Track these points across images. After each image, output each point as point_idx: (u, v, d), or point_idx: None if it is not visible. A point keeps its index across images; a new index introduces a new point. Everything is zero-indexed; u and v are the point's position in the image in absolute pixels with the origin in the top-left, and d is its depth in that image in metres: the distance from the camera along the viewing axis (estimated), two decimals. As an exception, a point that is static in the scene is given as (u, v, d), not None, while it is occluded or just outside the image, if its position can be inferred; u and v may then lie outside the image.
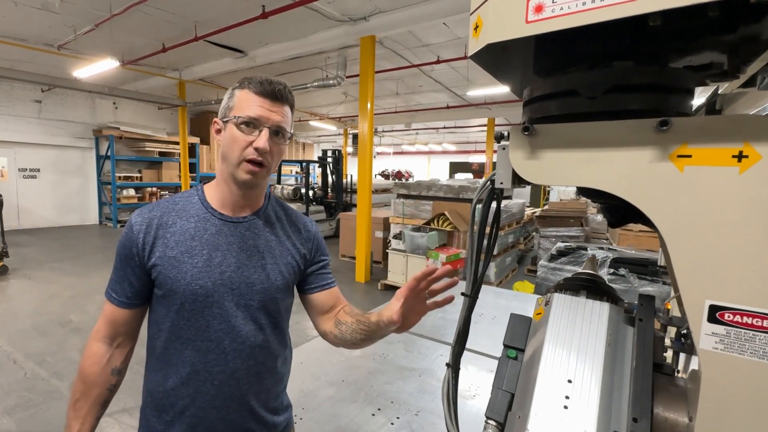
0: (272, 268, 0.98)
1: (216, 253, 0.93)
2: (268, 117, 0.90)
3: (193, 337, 0.92)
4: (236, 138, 0.90)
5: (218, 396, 0.93)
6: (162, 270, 0.90)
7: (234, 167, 0.91)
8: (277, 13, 5.40)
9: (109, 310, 0.96)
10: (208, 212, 0.96)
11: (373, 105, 6.15)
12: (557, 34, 0.47)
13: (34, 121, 10.33)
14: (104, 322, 0.97)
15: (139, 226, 0.92)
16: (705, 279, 0.46)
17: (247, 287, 0.94)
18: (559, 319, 0.65)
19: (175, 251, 0.91)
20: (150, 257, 0.91)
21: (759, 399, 0.45)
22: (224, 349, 0.93)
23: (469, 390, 1.69)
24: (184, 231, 0.93)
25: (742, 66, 0.52)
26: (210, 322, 0.92)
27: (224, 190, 0.97)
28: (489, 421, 0.65)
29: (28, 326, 4.29)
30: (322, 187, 10.89)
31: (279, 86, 0.92)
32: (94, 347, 0.96)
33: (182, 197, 0.99)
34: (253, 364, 0.96)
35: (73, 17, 6.17)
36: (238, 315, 0.94)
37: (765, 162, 0.43)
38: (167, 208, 0.95)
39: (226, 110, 0.93)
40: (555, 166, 0.55)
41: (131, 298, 0.95)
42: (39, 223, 10.70)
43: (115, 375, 0.98)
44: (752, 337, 0.45)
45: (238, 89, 0.94)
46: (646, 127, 0.49)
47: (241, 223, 0.98)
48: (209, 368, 0.92)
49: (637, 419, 0.52)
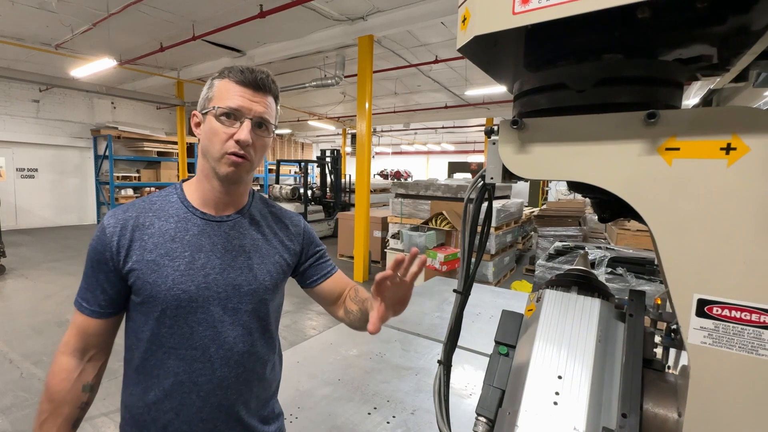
0: (260, 268, 0.93)
1: (199, 255, 0.87)
2: (249, 107, 0.84)
3: (177, 346, 0.86)
4: (216, 130, 0.84)
5: (205, 407, 0.88)
6: (140, 275, 0.84)
7: (215, 161, 0.86)
8: (274, 13, 5.39)
9: (80, 320, 0.88)
10: (188, 211, 0.90)
11: (372, 105, 6.15)
12: (546, 26, 0.46)
13: (31, 121, 10.32)
14: (74, 333, 0.89)
15: (113, 228, 0.85)
16: (693, 273, 0.46)
17: (234, 290, 0.89)
18: (550, 315, 0.65)
19: (154, 254, 0.84)
20: (126, 261, 0.84)
21: (747, 393, 0.45)
22: (210, 357, 0.87)
23: (465, 389, 1.69)
24: (163, 232, 0.87)
25: (732, 59, 0.52)
26: (194, 328, 0.86)
27: (206, 187, 0.90)
28: (479, 418, 0.65)
29: (25, 326, 4.28)
30: (321, 186, 10.88)
31: (261, 75, 0.86)
32: (63, 362, 0.88)
33: (159, 196, 0.92)
34: (241, 372, 0.91)
35: (70, 16, 6.16)
36: (225, 320, 0.88)
37: (753, 154, 0.43)
38: (143, 208, 0.89)
39: (205, 101, 0.87)
40: (544, 160, 0.55)
41: (104, 307, 0.87)
42: (37, 223, 10.69)
43: (86, 391, 0.90)
44: (740, 331, 0.45)
45: (217, 79, 0.87)
46: (634, 120, 0.48)
47: (225, 222, 0.92)
48: (194, 378, 0.86)
49: (626, 415, 0.52)
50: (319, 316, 4.88)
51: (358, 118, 6.16)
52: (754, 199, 0.43)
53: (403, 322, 2.38)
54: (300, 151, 19.97)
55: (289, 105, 12.24)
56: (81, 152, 11.33)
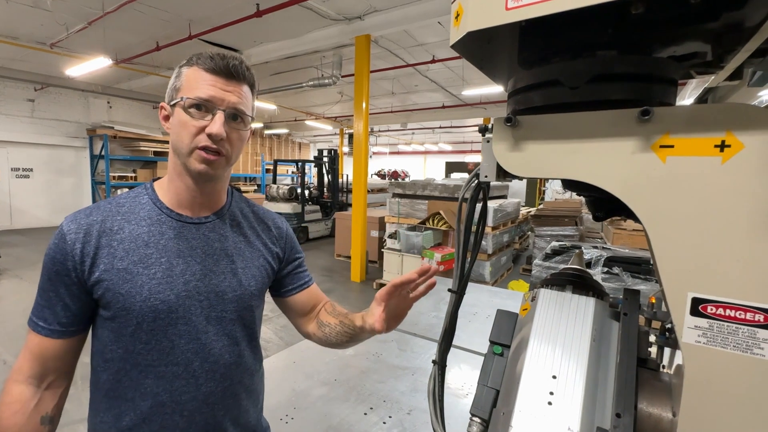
0: (244, 272, 0.86)
1: (177, 261, 0.79)
2: (222, 98, 0.76)
3: (155, 363, 0.77)
4: (185, 123, 0.76)
5: (189, 429, 0.80)
6: (110, 285, 0.75)
7: (185, 157, 0.78)
8: (271, 12, 5.38)
9: (35, 342, 0.77)
10: (162, 213, 0.82)
11: (369, 104, 6.14)
12: (539, 22, 0.46)
13: (26, 120, 10.26)
14: (29, 358, 0.78)
15: (75, 235, 0.75)
16: (687, 271, 0.46)
17: (218, 297, 0.82)
18: (545, 314, 0.64)
19: (126, 262, 0.76)
20: (92, 271, 0.75)
21: (742, 392, 0.44)
22: (194, 372, 0.79)
23: (462, 389, 1.69)
24: (134, 237, 0.78)
25: (726, 56, 0.52)
26: (175, 342, 0.78)
27: (179, 186, 0.82)
28: (474, 418, 0.64)
29: (19, 327, 4.25)
30: (318, 186, 10.86)
31: (234, 61, 0.78)
32: (15, 392, 0.76)
33: (127, 198, 0.84)
34: (228, 386, 0.84)
35: (65, 15, 6.13)
36: (209, 330, 0.81)
37: (748, 151, 0.43)
38: (109, 212, 0.80)
39: (173, 92, 0.79)
40: (538, 158, 0.54)
41: (66, 325, 0.77)
42: (32, 223, 10.62)
43: (46, 424, 0.78)
44: (735, 330, 0.44)
45: (185, 66, 0.79)
46: (628, 117, 0.48)
47: (203, 224, 0.84)
48: (176, 397, 0.78)
49: (620, 414, 0.51)
50: (316, 316, 4.86)
51: (355, 118, 6.16)
52: (749, 197, 0.43)
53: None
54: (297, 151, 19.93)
55: (286, 105, 12.22)
56: (76, 152, 11.26)
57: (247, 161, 15.89)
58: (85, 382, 0.92)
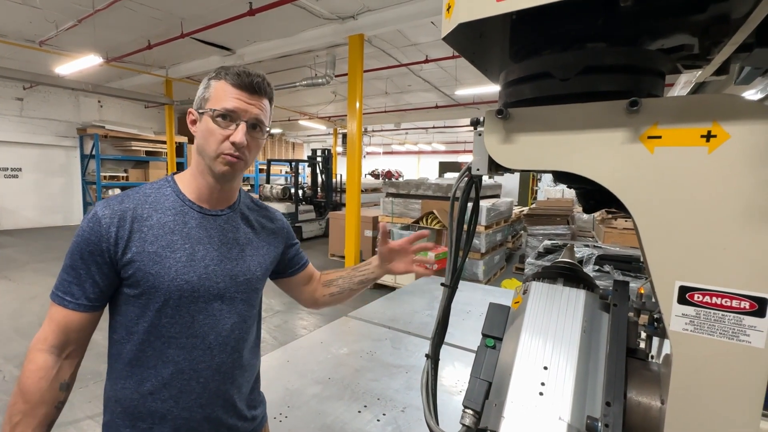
0: (252, 259, 0.99)
1: (198, 247, 0.90)
2: (245, 110, 0.88)
3: (177, 335, 0.88)
4: (212, 131, 0.87)
5: (204, 393, 0.91)
6: (141, 266, 0.85)
7: (211, 160, 0.89)
8: (264, 11, 5.35)
9: (61, 315, 0.85)
10: (185, 205, 0.93)
11: (362, 104, 6.13)
12: (530, 14, 0.46)
13: (15, 120, 10.11)
14: (53, 329, 0.86)
15: (110, 219, 0.85)
16: (675, 260, 0.46)
17: (231, 280, 0.94)
18: (536, 306, 0.65)
19: (155, 246, 0.86)
20: (125, 253, 0.84)
21: (728, 379, 0.45)
22: (210, 344, 0.91)
23: (455, 386, 1.69)
24: (162, 224, 0.88)
25: (713, 48, 0.52)
26: (195, 317, 0.89)
27: (201, 182, 0.94)
28: (466, 410, 0.64)
29: (8, 328, 4.19)
30: (312, 186, 10.84)
31: (258, 79, 0.89)
32: (40, 359, 0.84)
33: (152, 189, 0.94)
34: (237, 358, 0.96)
35: (54, 12, 6.04)
36: (223, 308, 0.93)
37: (733, 141, 0.43)
38: (139, 200, 0.90)
39: (202, 101, 0.90)
40: (529, 150, 0.55)
41: (93, 300, 0.86)
42: (21, 224, 10.47)
43: (63, 390, 0.87)
44: (722, 318, 0.45)
45: (214, 80, 0.90)
46: (617, 108, 0.48)
47: (220, 216, 0.96)
48: (194, 365, 0.89)
49: (610, 403, 0.52)
50: (309, 315, 4.86)
51: (349, 118, 6.14)
52: (735, 186, 0.43)
53: (394, 321, 2.38)
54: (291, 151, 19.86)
55: (280, 104, 12.16)
56: (67, 151, 11.12)
57: (241, 161, 15.74)
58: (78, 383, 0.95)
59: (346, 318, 2.43)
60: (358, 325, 2.35)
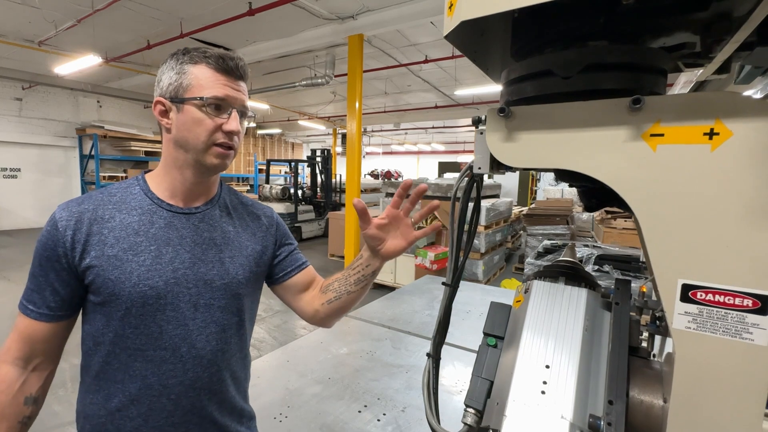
0: (231, 261, 0.89)
1: (166, 249, 0.82)
2: (235, 97, 0.81)
3: (143, 347, 0.80)
4: (201, 121, 0.79)
5: (176, 411, 0.82)
6: (100, 272, 0.77)
7: (199, 153, 0.81)
8: (264, 11, 5.35)
9: (24, 324, 0.80)
10: (154, 204, 0.85)
11: (362, 104, 6.14)
12: (532, 11, 0.46)
13: (14, 120, 10.08)
14: (17, 339, 0.81)
15: (66, 222, 0.78)
16: (677, 258, 0.46)
17: (206, 285, 0.85)
18: (538, 305, 0.65)
19: (116, 249, 0.78)
20: (82, 258, 0.78)
21: (731, 377, 0.45)
22: (181, 357, 0.82)
23: (455, 385, 1.69)
24: (125, 226, 0.81)
25: (715, 46, 0.52)
26: (163, 327, 0.80)
27: (176, 178, 0.86)
28: (468, 409, 0.64)
29: (6, 329, 4.15)
30: (311, 186, 10.83)
31: (240, 62, 0.83)
32: (2, 371, 0.79)
33: (119, 188, 0.86)
34: (215, 372, 0.86)
35: (54, 12, 6.04)
36: (197, 317, 0.83)
37: (736, 139, 0.43)
38: (101, 201, 0.83)
39: (179, 89, 0.81)
40: (531, 148, 0.55)
41: (54, 309, 0.80)
42: (20, 224, 10.45)
43: (29, 404, 0.81)
44: (724, 316, 0.45)
45: (189, 64, 0.81)
46: (619, 106, 0.48)
47: (194, 215, 0.87)
48: (164, 381, 0.81)
49: (612, 402, 0.52)
50: (309, 315, 4.85)
51: (349, 118, 6.14)
52: (737, 184, 0.43)
53: (394, 320, 2.38)
54: (290, 151, 19.84)
55: (279, 104, 12.16)
56: (65, 152, 11.10)
57: (240, 161, 15.78)
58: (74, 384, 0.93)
59: (346, 318, 2.43)
60: (358, 325, 2.35)
